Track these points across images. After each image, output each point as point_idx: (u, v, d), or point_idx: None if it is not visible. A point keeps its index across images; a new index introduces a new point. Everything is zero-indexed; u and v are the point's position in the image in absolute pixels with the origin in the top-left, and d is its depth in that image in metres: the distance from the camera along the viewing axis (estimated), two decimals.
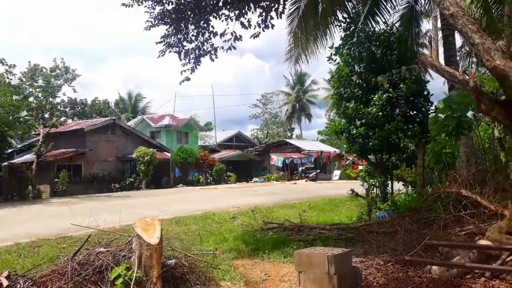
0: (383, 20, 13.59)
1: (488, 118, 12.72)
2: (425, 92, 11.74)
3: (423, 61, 7.20)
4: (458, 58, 17.03)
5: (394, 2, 13.99)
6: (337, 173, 43.72)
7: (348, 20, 12.66)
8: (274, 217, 12.41)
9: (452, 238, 6.02)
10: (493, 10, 12.74)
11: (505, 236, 5.05)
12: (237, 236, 9.12)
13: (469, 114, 9.19)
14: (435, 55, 7.55)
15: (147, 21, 9.40)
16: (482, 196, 6.77)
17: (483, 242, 5.12)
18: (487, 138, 12.19)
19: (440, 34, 12.14)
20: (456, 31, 9.41)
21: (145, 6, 9.35)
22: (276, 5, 9.66)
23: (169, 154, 34.96)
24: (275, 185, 33.76)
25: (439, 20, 11.45)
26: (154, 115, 45.61)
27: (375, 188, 12.11)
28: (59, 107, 32.24)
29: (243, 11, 9.41)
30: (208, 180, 36.32)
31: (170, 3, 9.30)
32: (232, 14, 9.47)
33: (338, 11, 13.35)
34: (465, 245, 5.37)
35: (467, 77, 6.14)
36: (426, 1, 14.20)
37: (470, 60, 20.94)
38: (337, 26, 13.44)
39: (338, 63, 12.57)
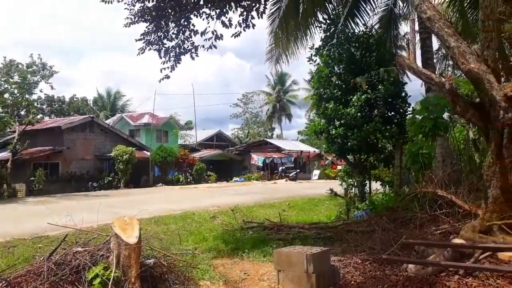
0: (363, 22, 13.80)
1: (463, 120, 13.02)
2: (403, 94, 11.91)
3: (401, 63, 7.32)
4: (435, 60, 17.40)
5: (373, 4, 14.20)
6: (316, 172, 44.10)
7: (328, 21, 12.76)
8: (254, 216, 12.44)
9: (427, 237, 6.14)
10: (469, 15, 13.04)
11: (478, 235, 5.19)
12: (216, 236, 9.11)
13: (445, 115, 9.41)
14: (413, 57, 7.69)
15: (127, 18, 9.30)
16: (457, 196, 6.93)
17: (457, 240, 5.25)
18: (462, 139, 12.47)
19: (417, 37, 12.39)
20: (433, 34, 9.62)
21: (125, 3, 9.25)
22: (257, 5, 9.68)
23: (148, 153, 34.61)
24: (256, 185, 33.81)
25: (416, 23, 11.67)
26: (133, 113, 45.10)
27: (353, 188, 12.23)
28: (35, 104, 31.40)
29: (224, 10, 9.40)
30: (188, 180, 36.12)
31: (151, 0, 9.22)
32: (213, 13, 9.46)
33: (318, 12, 13.47)
34: (440, 244, 5.49)
35: (443, 79, 6.26)
36: (404, 4, 14.45)
37: (447, 63, 21.44)
38: (317, 27, 13.56)
39: (318, 64, 12.65)
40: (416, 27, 11.73)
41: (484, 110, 5.71)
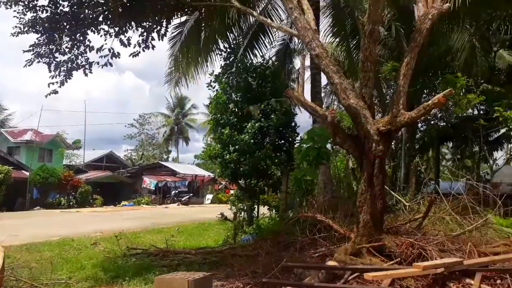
0: (261, 54, 14.57)
1: (344, 150, 14.14)
2: (293, 124, 12.62)
3: (290, 95, 7.75)
4: (323, 94, 18.82)
5: (271, 38, 15.05)
6: (209, 197, 44.07)
7: (228, 50, 13.16)
8: (140, 242, 11.91)
9: (306, 260, 6.43)
10: (354, 55, 14.42)
11: (349, 257, 5.59)
12: (96, 263, 8.54)
13: (328, 145, 10.13)
14: (301, 90, 8.22)
15: (16, 26, 8.57)
16: (334, 220, 7.42)
17: (331, 263, 5.58)
18: (343, 168, 13.51)
19: (309, 72, 13.31)
20: None
21: (15, 11, 8.50)
22: (158, 27, 9.59)
23: (27, 173, 31.50)
24: (145, 209, 32.60)
25: (308, 59, 12.54)
26: (14, 129, 40.88)
27: (242, 212, 12.47)
28: None
29: (124, 28, 9.14)
30: (71, 203, 33.46)
31: (44, 11, 8.60)
32: (111, 30, 9.13)
33: (219, 40, 13.80)
34: (315, 266, 5.80)
35: (327, 112, 6.76)
36: (299, 41, 15.49)
37: (333, 97, 23.20)
38: (218, 55, 13.91)
39: (217, 90, 12.88)
40: (308, 63, 12.57)
41: (359, 142, 6.28)
